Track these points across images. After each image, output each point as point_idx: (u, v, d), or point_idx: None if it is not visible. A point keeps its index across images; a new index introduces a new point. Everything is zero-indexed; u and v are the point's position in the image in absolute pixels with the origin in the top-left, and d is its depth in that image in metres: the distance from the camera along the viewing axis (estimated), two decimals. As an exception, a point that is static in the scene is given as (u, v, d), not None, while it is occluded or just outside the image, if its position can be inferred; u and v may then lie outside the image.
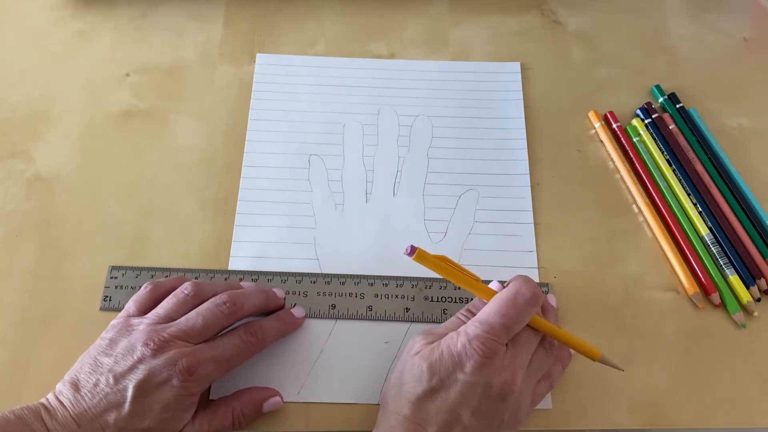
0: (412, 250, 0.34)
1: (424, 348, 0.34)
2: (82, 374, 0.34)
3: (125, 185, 0.46)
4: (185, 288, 0.37)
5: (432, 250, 0.44)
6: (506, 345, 0.34)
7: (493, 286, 0.38)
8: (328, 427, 0.38)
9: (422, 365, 0.33)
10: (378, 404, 0.39)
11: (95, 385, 0.33)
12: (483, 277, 0.43)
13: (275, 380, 0.39)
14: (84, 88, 0.50)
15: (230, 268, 0.43)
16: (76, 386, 0.34)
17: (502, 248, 0.44)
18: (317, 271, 0.43)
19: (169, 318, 0.36)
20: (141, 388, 0.33)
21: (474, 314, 0.36)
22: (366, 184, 0.47)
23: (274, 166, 0.47)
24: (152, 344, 0.33)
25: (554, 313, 0.39)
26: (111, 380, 0.33)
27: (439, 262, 0.35)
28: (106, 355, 0.34)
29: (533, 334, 0.35)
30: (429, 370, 0.33)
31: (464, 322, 0.36)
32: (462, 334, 0.33)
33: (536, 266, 0.43)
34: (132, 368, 0.33)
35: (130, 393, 0.32)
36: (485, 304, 0.35)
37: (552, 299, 0.41)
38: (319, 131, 0.49)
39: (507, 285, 0.36)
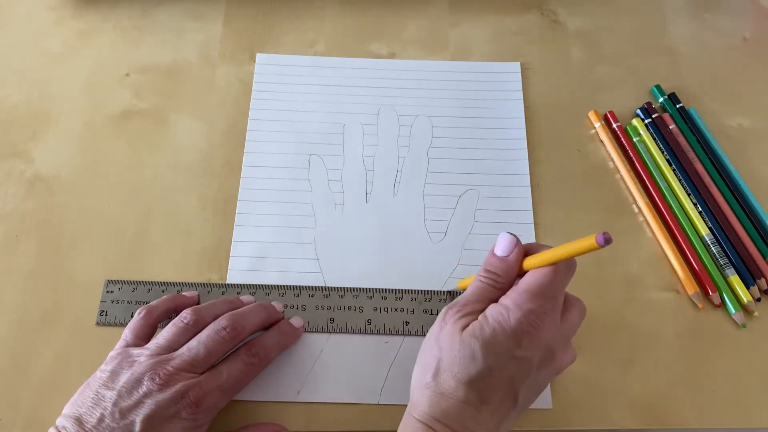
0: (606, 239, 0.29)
1: (467, 324, 0.33)
2: (83, 408, 0.33)
3: (125, 185, 0.46)
4: (184, 317, 0.37)
5: (432, 250, 0.44)
6: None
7: (505, 238, 0.35)
8: (328, 427, 0.38)
9: (473, 344, 0.31)
10: (377, 404, 0.39)
11: (100, 420, 0.32)
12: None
13: (275, 380, 0.39)
14: (84, 88, 0.50)
15: (230, 267, 0.43)
16: (79, 421, 0.33)
17: (502, 248, 0.44)
18: (317, 270, 0.43)
19: (170, 348, 0.35)
20: (149, 423, 0.32)
21: (495, 274, 0.34)
22: (366, 184, 0.47)
23: (274, 166, 0.47)
24: (158, 378, 0.33)
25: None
26: (117, 415, 0.32)
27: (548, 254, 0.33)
28: (108, 389, 0.33)
29: (561, 294, 0.34)
30: (483, 349, 0.31)
31: (491, 286, 0.34)
32: (513, 309, 0.32)
33: (536, 266, 0.43)
34: (138, 403, 0.33)
35: (137, 428, 0.32)
36: (499, 259, 0.34)
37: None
38: (319, 131, 0.49)
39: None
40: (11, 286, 0.42)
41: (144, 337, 0.37)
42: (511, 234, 0.35)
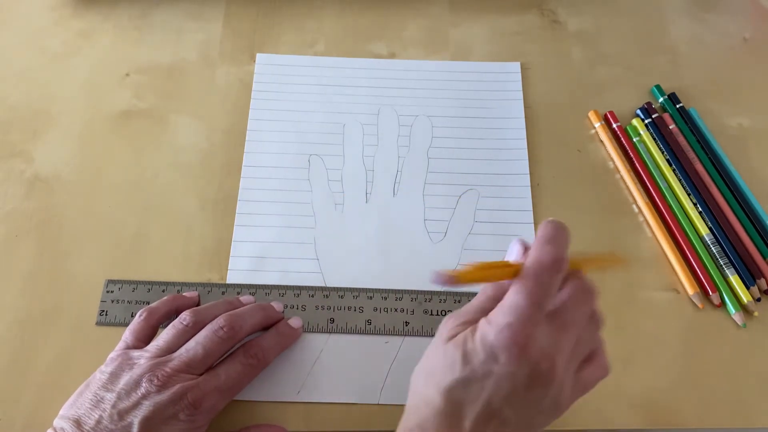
0: (444, 278, 0.29)
1: (458, 333, 0.31)
2: (82, 410, 0.33)
3: (125, 185, 0.46)
4: (183, 319, 0.37)
5: (432, 250, 0.44)
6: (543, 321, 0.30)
7: (514, 247, 0.33)
8: (328, 427, 0.38)
9: (455, 354, 0.30)
10: (377, 404, 0.39)
11: (98, 421, 0.32)
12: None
13: (275, 380, 0.39)
14: (84, 88, 0.50)
15: (230, 267, 0.43)
16: (77, 423, 0.33)
17: (502, 248, 0.44)
18: (317, 270, 0.43)
19: (170, 350, 0.35)
20: (147, 424, 0.32)
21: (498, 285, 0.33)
22: (366, 184, 0.47)
23: (274, 166, 0.47)
24: (156, 380, 0.33)
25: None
26: (115, 416, 0.32)
27: (474, 272, 0.31)
28: (107, 391, 0.33)
29: (579, 307, 0.31)
30: (462, 359, 0.30)
31: (493, 299, 0.32)
32: (493, 324, 0.30)
33: (536, 266, 0.43)
34: (137, 404, 0.33)
35: (135, 429, 0.32)
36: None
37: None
38: (319, 131, 0.49)
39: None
40: (11, 286, 0.42)
41: (144, 339, 0.37)
42: (518, 241, 0.33)
